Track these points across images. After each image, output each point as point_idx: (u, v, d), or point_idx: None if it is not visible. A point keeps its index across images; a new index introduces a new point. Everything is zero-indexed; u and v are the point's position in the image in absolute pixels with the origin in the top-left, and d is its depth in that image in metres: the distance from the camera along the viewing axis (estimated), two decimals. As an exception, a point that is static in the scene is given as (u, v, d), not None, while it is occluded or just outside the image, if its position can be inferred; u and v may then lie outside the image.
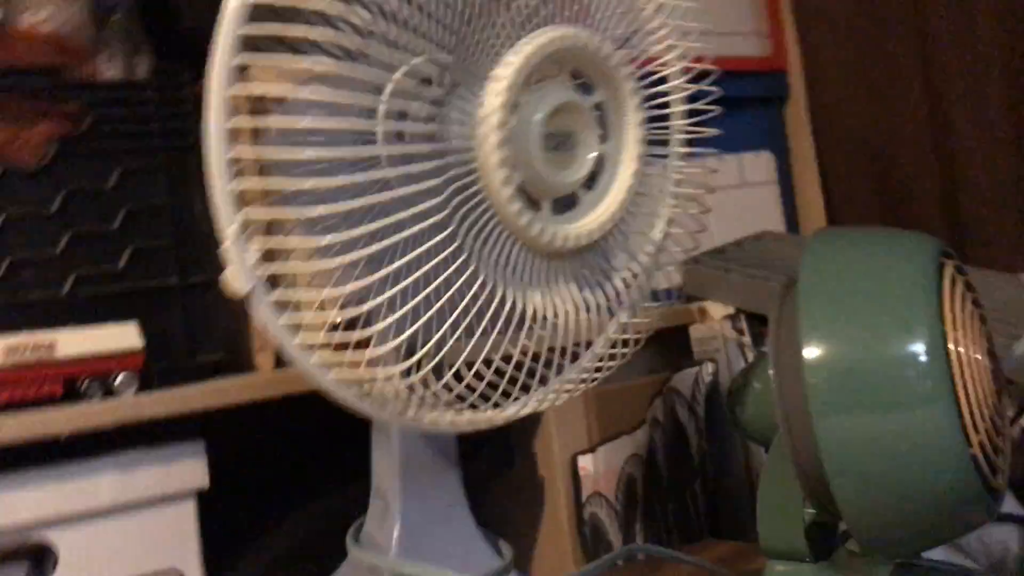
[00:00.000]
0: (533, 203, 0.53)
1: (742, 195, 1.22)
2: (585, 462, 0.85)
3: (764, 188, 1.24)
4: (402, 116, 0.48)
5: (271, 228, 0.50)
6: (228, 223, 0.44)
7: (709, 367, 0.87)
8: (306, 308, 0.46)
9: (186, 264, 0.83)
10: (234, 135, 0.44)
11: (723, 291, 0.89)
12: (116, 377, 0.76)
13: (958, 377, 0.47)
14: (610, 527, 0.84)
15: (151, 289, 0.82)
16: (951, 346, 0.47)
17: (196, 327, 0.84)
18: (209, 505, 0.81)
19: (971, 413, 0.47)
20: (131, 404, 0.75)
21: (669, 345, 0.92)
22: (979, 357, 0.49)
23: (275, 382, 0.81)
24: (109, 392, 0.76)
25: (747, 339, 0.88)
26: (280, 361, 0.81)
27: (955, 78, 1.04)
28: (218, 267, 0.84)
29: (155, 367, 0.80)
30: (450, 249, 0.48)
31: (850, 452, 0.47)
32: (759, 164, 1.24)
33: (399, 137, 0.48)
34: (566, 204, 0.56)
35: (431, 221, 0.47)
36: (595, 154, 0.55)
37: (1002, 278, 0.89)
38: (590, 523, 0.83)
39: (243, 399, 0.80)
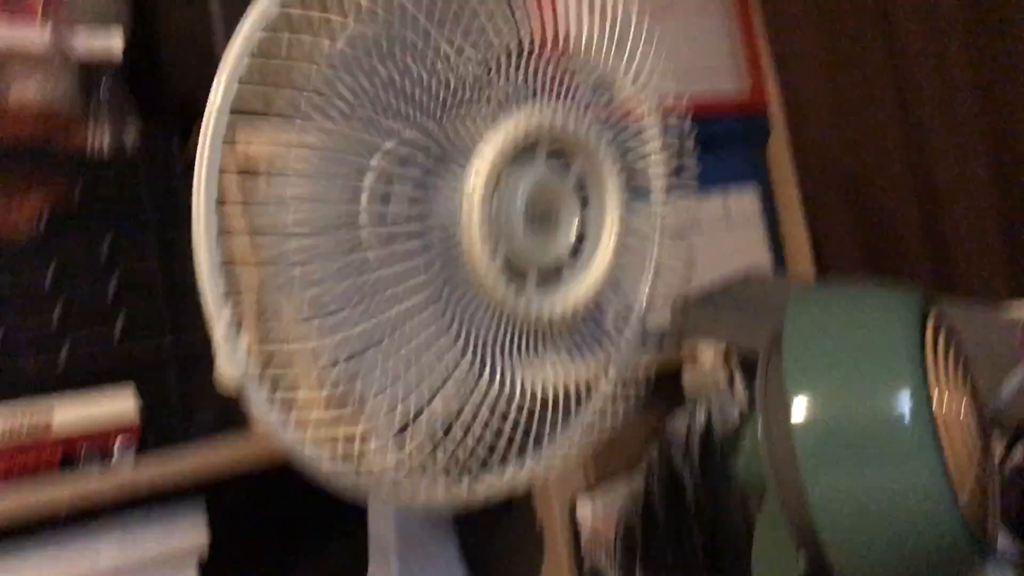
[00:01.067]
0: (519, 276, 0.54)
1: (728, 232, 1.23)
2: (583, 509, 0.85)
3: (750, 224, 1.25)
4: (385, 198, 0.49)
5: (262, 308, 0.50)
6: (218, 316, 0.44)
7: (702, 412, 0.88)
8: (299, 390, 0.47)
9: (180, 328, 0.84)
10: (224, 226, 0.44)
11: (712, 331, 0.90)
12: (114, 445, 0.76)
13: (943, 432, 0.48)
14: (611, 575, 0.84)
15: (146, 355, 0.83)
16: (936, 401, 0.48)
17: (192, 389, 0.85)
18: (210, 564, 0.81)
19: (957, 466, 0.48)
20: (129, 472, 0.75)
21: (662, 386, 0.92)
22: (963, 410, 0.49)
23: (271, 445, 0.81)
24: (107, 459, 0.76)
25: (739, 380, 0.89)
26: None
27: (933, 111, 1.05)
28: (208, 333, 0.85)
29: (152, 430, 0.80)
30: (439, 324, 0.48)
31: (839, 508, 0.48)
32: (744, 201, 1.25)
33: (382, 218, 0.49)
34: (552, 274, 0.56)
35: (418, 298, 0.48)
36: (577, 225, 0.56)
37: (985, 310, 0.90)
38: (590, 572, 0.83)
39: (240, 463, 0.80)
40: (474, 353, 0.51)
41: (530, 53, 0.53)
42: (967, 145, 1.04)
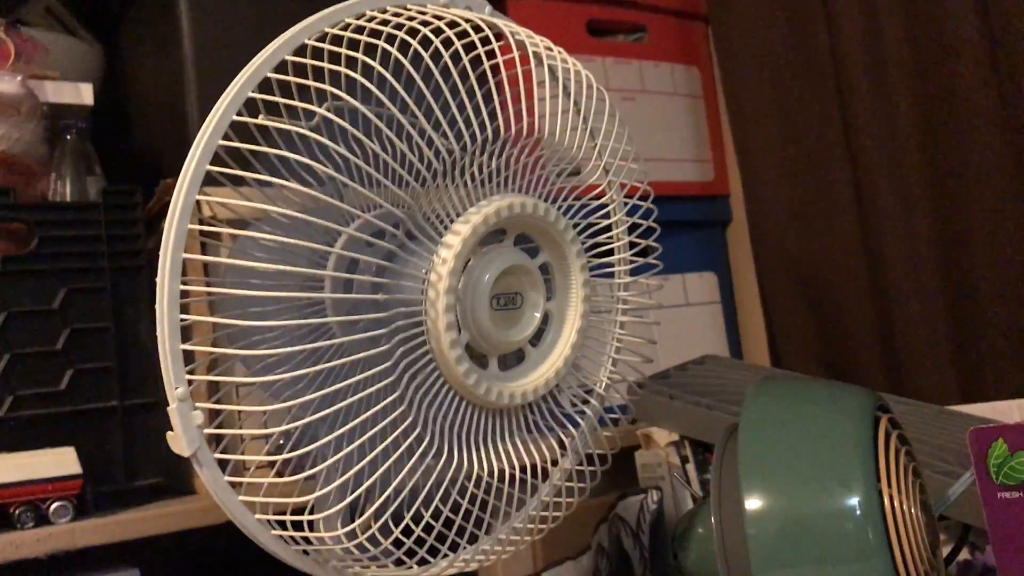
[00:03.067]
0: (480, 359, 0.54)
1: (686, 315, 1.24)
2: (530, 591, 0.84)
3: (708, 308, 1.27)
4: (352, 266, 0.49)
5: (215, 364, 0.50)
6: (175, 385, 0.44)
7: (654, 495, 0.88)
8: (251, 461, 0.46)
9: (128, 385, 0.82)
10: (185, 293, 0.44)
11: (668, 418, 0.90)
12: (51, 505, 0.74)
13: (893, 531, 0.48)
14: (555, 659, 0.82)
15: (92, 411, 0.81)
16: (886, 501, 0.48)
17: (136, 450, 0.83)
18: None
19: (906, 565, 0.48)
20: (65, 533, 0.73)
21: (615, 467, 0.92)
22: (913, 510, 0.50)
23: (214, 508, 0.79)
24: (43, 520, 0.74)
25: (692, 466, 0.89)
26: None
27: (889, 220, 1.08)
28: (160, 388, 0.84)
29: (93, 491, 0.78)
30: (391, 399, 0.48)
31: (791, 605, 0.48)
32: (703, 285, 1.27)
33: (347, 286, 0.49)
34: (513, 359, 0.57)
35: (375, 370, 0.48)
36: (541, 313, 0.56)
37: (936, 411, 0.91)
38: (535, 656, 0.82)
39: (181, 526, 0.78)
40: (431, 435, 0.51)
41: (502, 141, 0.53)
42: (918, 250, 1.07)
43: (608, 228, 0.65)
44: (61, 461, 0.75)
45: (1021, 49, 0.97)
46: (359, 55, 0.48)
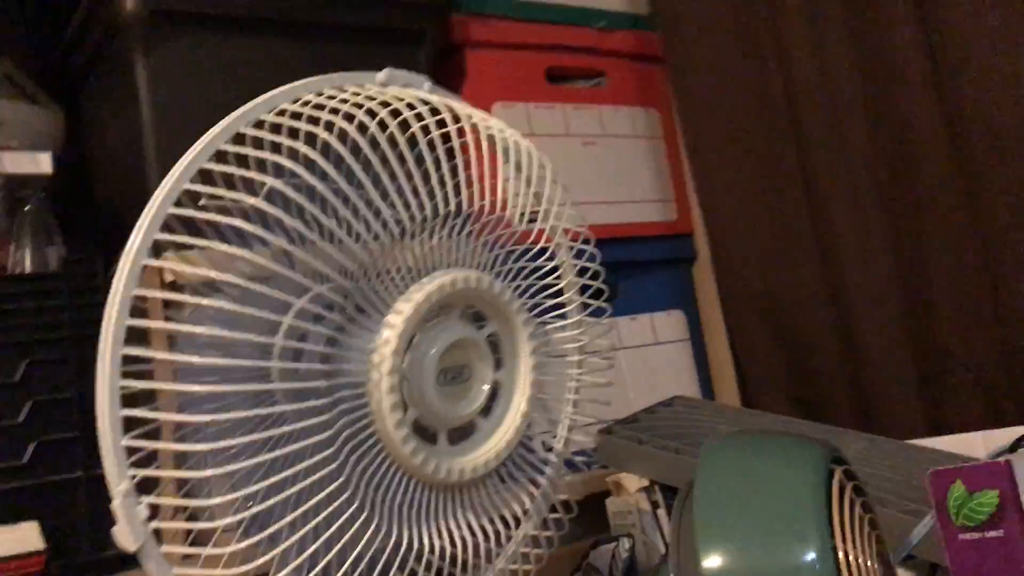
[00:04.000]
0: (429, 435, 0.54)
1: (656, 353, 1.25)
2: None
3: (676, 346, 1.28)
4: (298, 354, 0.49)
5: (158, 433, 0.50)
6: (118, 481, 0.44)
7: (626, 542, 0.88)
8: (200, 543, 0.46)
9: (92, 455, 0.82)
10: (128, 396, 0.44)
11: (637, 463, 0.90)
12: (15, 582, 0.73)
13: (849, 586, 0.48)
14: None
15: (56, 482, 0.80)
16: (841, 556, 0.49)
17: (103, 519, 0.82)
18: None
19: (865, 620, 0.48)
20: (30, 610, 0.72)
21: (586, 513, 0.92)
22: (869, 563, 0.50)
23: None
24: (7, 598, 0.73)
25: (663, 511, 0.89)
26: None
27: (851, 260, 1.09)
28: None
29: (60, 563, 0.77)
30: (336, 484, 0.48)
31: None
32: (671, 323, 1.28)
33: (293, 373, 0.49)
34: (463, 432, 0.57)
35: (322, 455, 0.48)
36: (489, 386, 0.57)
37: (901, 446, 0.92)
38: None
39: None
40: (378, 516, 0.50)
41: (446, 216, 0.54)
42: (882, 286, 1.08)
43: (559, 271, 0.66)
44: (23, 537, 0.75)
45: (964, 77, 0.99)
46: (299, 144, 0.49)
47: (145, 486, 0.47)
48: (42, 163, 0.88)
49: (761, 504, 0.50)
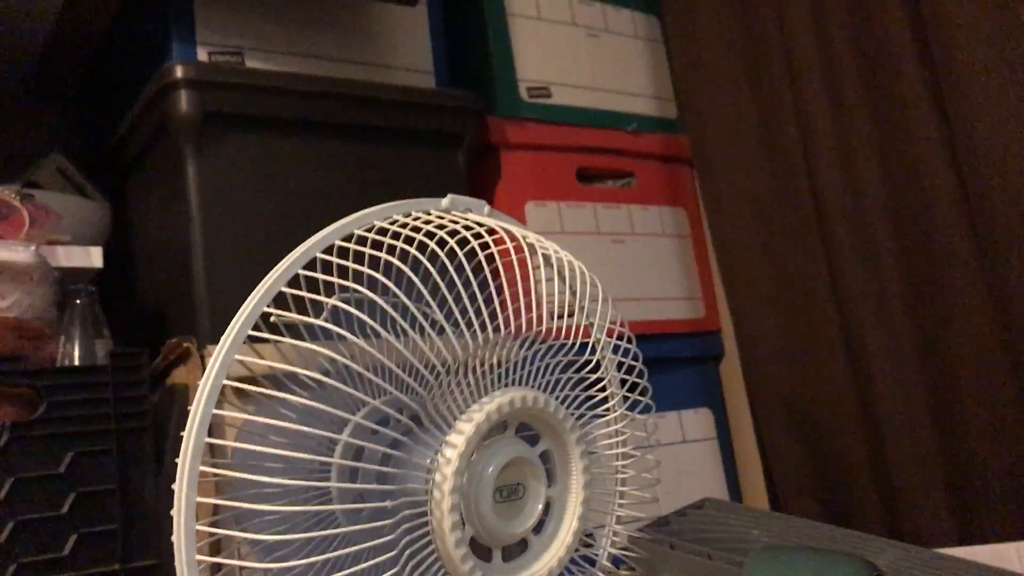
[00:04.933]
0: (483, 552, 0.55)
1: (684, 452, 1.25)
2: None
3: (704, 444, 1.28)
4: (354, 472, 0.50)
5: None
6: (187, 571, 0.45)
7: (658, 649, 0.87)
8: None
9: (131, 548, 0.83)
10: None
11: (668, 568, 0.90)
12: (51, 678, 0.73)
13: None
14: None
15: (95, 575, 0.81)
16: None
17: (138, 616, 0.82)
18: None
19: None
20: None
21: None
22: None
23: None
24: None
25: (694, 617, 0.89)
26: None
27: (878, 359, 1.10)
28: (162, 550, 0.84)
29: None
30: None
31: None
32: (698, 421, 1.28)
33: (351, 491, 0.50)
34: (516, 550, 0.58)
35: (379, 560, 0.49)
36: (543, 503, 0.58)
37: (933, 556, 0.91)
38: None
39: None
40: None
41: (503, 336, 0.56)
42: (910, 392, 1.09)
43: (597, 369, 0.67)
44: (63, 632, 0.75)
45: (992, 182, 1.01)
46: (364, 268, 0.51)
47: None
48: (93, 257, 0.91)
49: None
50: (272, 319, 0.50)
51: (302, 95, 1.00)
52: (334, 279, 0.51)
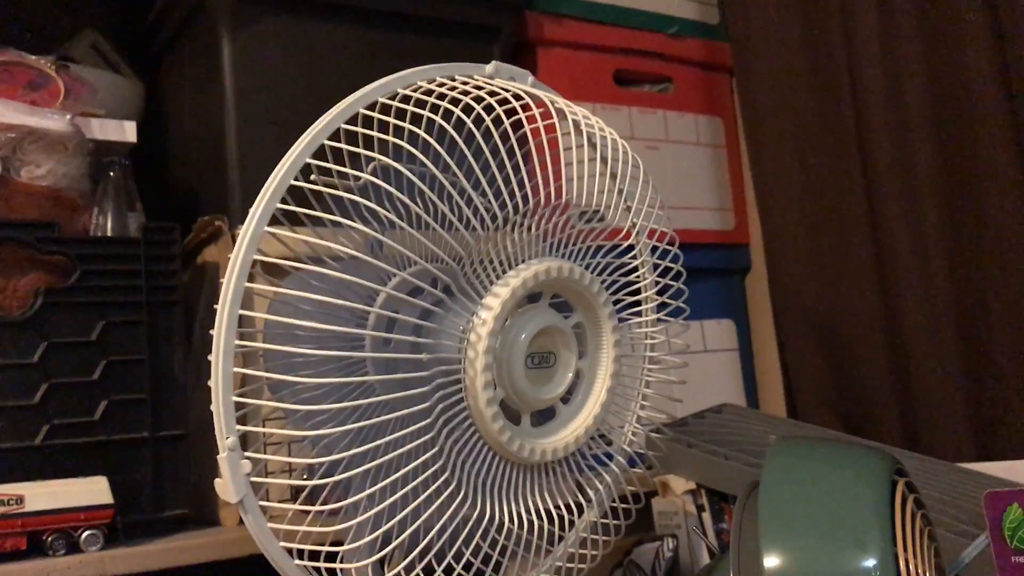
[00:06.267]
0: (513, 415, 0.56)
1: (705, 361, 1.26)
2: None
3: (725, 355, 1.28)
4: (391, 325, 0.51)
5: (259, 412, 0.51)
6: (226, 434, 0.46)
7: (670, 543, 0.89)
8: (288, 499, 0.48)
9: (159, 417, 0.85)
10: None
11: (685, 466, 0.91)
12: (82, 533, 0.76)
13: (908, 595, 0.49)
14: None
15: (124, 441, 0.83)
16: (902, 564, 0.50)
17: (165, 480, 0.85)
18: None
19: (920, 629, 0.49)
20: (95, 561, 0.75)
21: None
22: (928, 574, 0.51)
23: (240, 541, 0.81)
24: (74, 548, 0.75)
25: (708, 515, 0.90)
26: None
27: (907, 277, 1.10)
28: (189, 420, 0.86)
29: (123, 520, 0.80)
30: (430, 453, 0.50)
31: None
32: (721, 332, 1.28)
33: (386, 343, 0.51)
34: (544, 416, 0.58)
35: (416, 427, 0.49)
36: (573, 372, 0.58)
37: (951, 468, 0.92)
38: None
39: (208, 558, 0.80)
40: (463, 487, 0.52)
41: (536, 204, 0.56)
42: (938, 310, 1.08)
43: (635, 270, 0.67)
44: (94, 490, 0.77)
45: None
46: (406, 124, 0.51)
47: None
48: (127, 131, 0.91)
49: (825, 508, 0.51)
50: (312, 179, 0.50)
51: (338, -24, 0.98)
52: (374, 135, 0.51)
